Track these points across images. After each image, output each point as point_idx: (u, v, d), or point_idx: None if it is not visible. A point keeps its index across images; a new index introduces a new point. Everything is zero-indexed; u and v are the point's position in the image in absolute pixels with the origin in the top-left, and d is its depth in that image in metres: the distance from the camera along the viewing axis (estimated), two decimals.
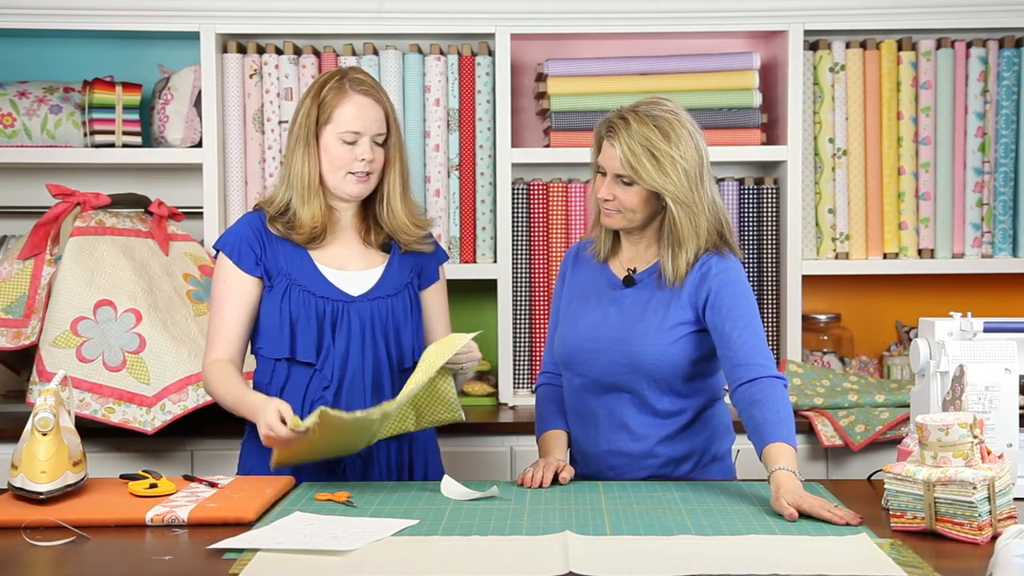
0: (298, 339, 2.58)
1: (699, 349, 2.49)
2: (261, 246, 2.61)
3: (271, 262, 2.61)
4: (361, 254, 2.67)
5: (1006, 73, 3.56)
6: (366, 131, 2.58)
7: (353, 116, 2.57)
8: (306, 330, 2.58)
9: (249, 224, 2.64)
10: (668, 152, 2.42)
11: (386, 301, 2.64)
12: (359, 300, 2.62)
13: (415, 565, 1.86)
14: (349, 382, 2.59)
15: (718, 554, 1.91)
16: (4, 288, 3.22)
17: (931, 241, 3.62)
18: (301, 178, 2.59)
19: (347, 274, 2.64)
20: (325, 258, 2.64)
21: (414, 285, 2.70)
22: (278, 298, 2.59)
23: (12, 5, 3.45)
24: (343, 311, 2.61)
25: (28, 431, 2.26)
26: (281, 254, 2.62)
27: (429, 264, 2.73)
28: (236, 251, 2.60)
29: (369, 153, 2.58)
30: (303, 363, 2.59)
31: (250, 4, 3.49)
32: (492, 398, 3.61)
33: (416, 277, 2.71)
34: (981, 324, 2.40)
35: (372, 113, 2.59)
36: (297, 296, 2.59)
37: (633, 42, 3.75)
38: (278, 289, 2.60)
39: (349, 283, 2.63)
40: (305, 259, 2.63)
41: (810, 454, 3.28)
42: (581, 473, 2.58)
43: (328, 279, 2.62)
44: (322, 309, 2.60)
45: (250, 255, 2.60)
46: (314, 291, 2.60)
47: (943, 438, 2.05)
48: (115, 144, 3.51)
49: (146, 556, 1.98)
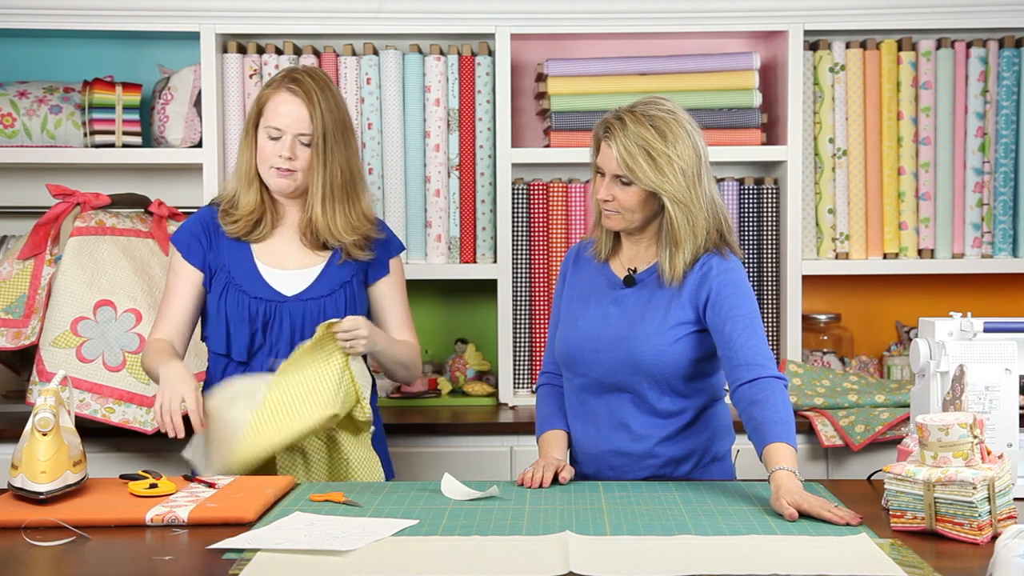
0: (232, 338, 2.65)
1: (699, 349, 2.49)
2: (208, 241, 2.69)
3: (214, 258, 2.68)
4: (301, 251, 2.71)
5: (1006, 73, 3.56)
6: (287, 129, 2.62)
7: (277, 113, 2.63)
8: (239, 329, 2.65)
9: (200, 219, 2.73)
10: (665, 152, 2.42)
11: (318, 302, 2.68)
12: (291, 300, 2.67)
13: (415, 565, 1.86)
14: None
15: (718, 554, 1.91)
16: (4, 288, 3.22)
17: (931, 241, 3.62)
18: (240, 167, 2.70)
19: (284, 273, 2.68)
20: (265, 255, 2.69)
21: (356, 283, 2.72)
22: (217, 296, 2.67)
23: (12, 5, 3.45)
24: (275, 311, 2.66)
25: (28, 431, 2.26)
26: (225, 249, 2.68)
27: (379, 259, 2.76)
28: (185, 245, 2.70)
29: (287, 151, 2.62)
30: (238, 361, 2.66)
31: (250, 4, 3.49)
32: (492, 398, 3.61)
33: (361, 273, 2.73)
34: (981, 324, 2.40)
35: (296, 113, 2.62)
36: (232, 295, 2.66)
37: (633, 42, 3.75)
38: (217, 287, 2.67)
39: (284, 282, 2.67)
40: (246, 256, 2.68)
41: (810, 454, 3.28)
42: (581, 473, 2.58)
43: (264, 278, 2.67)
44: (255, 309, 2.65)
45: (197, 249, 2.69)
46: (248, 291, 2.66)
47: (943, 438, 2.05)
48: (115, 144, 3.50)
49: (146, 556, 1.98)
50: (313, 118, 2.62)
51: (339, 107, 2.67)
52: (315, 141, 2.63)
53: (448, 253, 3.59)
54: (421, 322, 3.83)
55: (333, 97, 2.66)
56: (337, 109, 2.66)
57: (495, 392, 3.62)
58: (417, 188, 3.58)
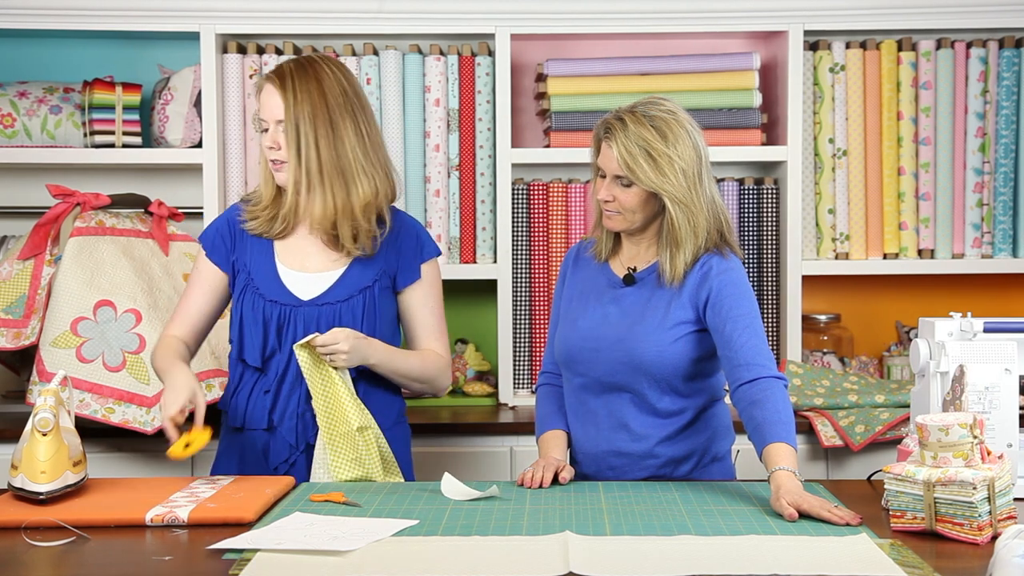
0: (246, 341, 2.61)
1: (699, 349, 2.49)
2: (232, 240, 2.66)
3: (239, 257, 2.65)
4: (324, 253, 2.64)
5: (1006, 73, 3.56)
6: (268, 118, 2.60)
7: (261, 105, 2.62)
8: (253, 333, 2.60)
9: (226, 217, 2.70)
10: (665, 152, 2.42)
11: (334, 307, 2.61)
12: (307, 305, 2.61)
13: (415, 565, 1.86)
14: (288, 387, 2.60)
15: (718, 554, 1.91)
16: (4, 288, 3.22)
17: (931, 241, 3.62)
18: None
19: (304, 276, 2.63)
20: (288, 255, 2.64)
21: (379, 288, 2.64)
22: (237, 298, 2.64)
23: (12, 5, 3.45)
24: (290, 316, 2.61)
25: (28, 431, 2.26)
26: (249, 249, 2.65)
27: (409, 263, 2.67)
28: (210, 242, 2.68)
29: (270, 140, 2.60)
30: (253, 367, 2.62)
31: (250, 4, 3.49)
32: (492, 398, 3.61)
33: (388, 278, 2.66)
34: (981, 324, 2.40)
35: (271, 100, 2.60)
36: (249, 298, 2.62)
37: (633, 42, 3.75)
38: (237, 288, 2.64)
39: (303, 286, 2.62)
40: (268, 256, 2.64)
41: (810, 454, 3.28)
42: (581, 473, 2.58)
43: (283, 281, 2.62)
44: (270, 313, 2.61)
45: (221, 248, 2.67)
46: (265, 294, 2.61)
47: (943, 438, 2.05)
48: (115, 144, 3.50)
49: (146, 556, 1.98)
50: (285, 103, 2.57)
51: (323, 90, 2.58)
52: (287, 126, 2.58)
53: (448, 253, 3.59)
54: None
55: (316, 81, 2.58)
56: (319, 92, 2.57)
57: (495, 392, 3.62)
58: (417, 188, 3.58)
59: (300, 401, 2.60)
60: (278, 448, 2.61)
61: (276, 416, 2.61)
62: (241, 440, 2.64)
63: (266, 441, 2.61)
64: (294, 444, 2.60)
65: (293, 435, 2.60)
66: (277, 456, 2.61)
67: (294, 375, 2.59)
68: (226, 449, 2.68)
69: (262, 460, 2.61)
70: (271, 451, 2.61)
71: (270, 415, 2.61)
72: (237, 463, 2.64)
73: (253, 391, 2.62)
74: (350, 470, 2.51)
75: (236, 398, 2.64)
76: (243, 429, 2.63)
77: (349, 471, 2.51)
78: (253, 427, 2.62)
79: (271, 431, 2.61)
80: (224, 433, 2.70)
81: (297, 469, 2.61)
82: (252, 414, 2.62)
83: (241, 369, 2.64)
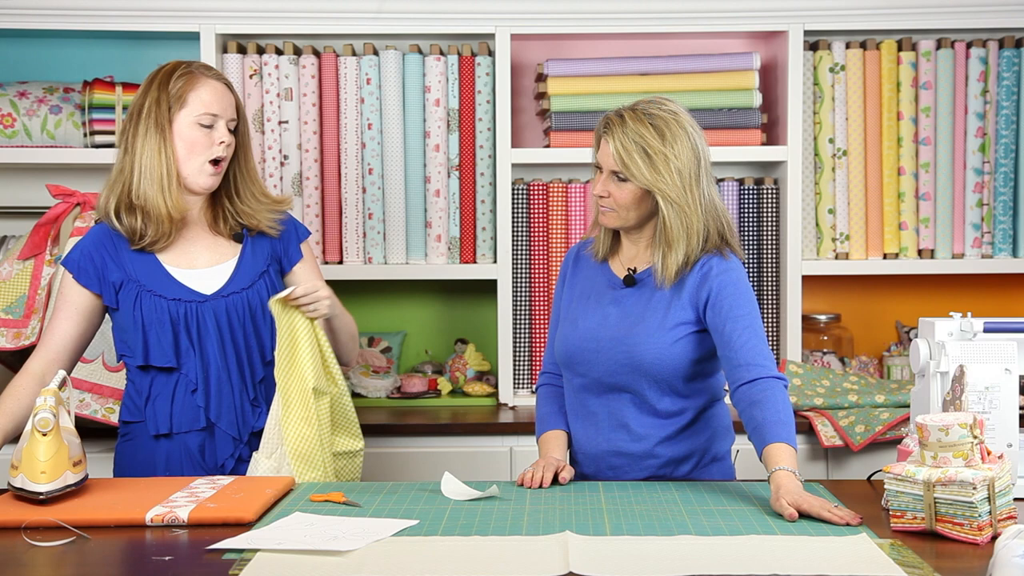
0: (151, 345, 2.58)
1: (700, 349, 2.49)
2: (104, 260, 2.60)
3: (117, 273, 2.60)
4: (211, 249, 2.66)
5: (1006, 73, 3.56)
6: (223, 114, 2.59)
7: (210, 99, 2.58)
8: (160, 335, 2.58)
9: (94, 238, 2.63)
10: (661, 151, 2.42)
11: (240, 296, 2.63)
12: (212, 298, 2.61)
13: (415, 565, 1.86)
14: (216, 382, 2.60)
15: (718, 554, 1.91)
16: (4, 288, 3.22)
17: (931, 241, 3.62)
18: (158, 168, 2.55)
19: (197, 272, 2.63)
20: (172, 259, 2.63)
21: (272, 271, 2.69)
22: (130, 307, 2.59)
23: (12, 5, 3.45)
24: (197, 311, 2.60)
25: (28, 431, 2.26)
26: (128, 262, 2.60)
27: (289, 246, 2.73)
28: (76, 265, 2.61)
29: (227, 136, 2.59)
30: (164, 368, 2.59)
31: (250, 4, 3.49)
32: (492, 398, 3.61)
33: (275, 262, 2.70)
34: (981, 324, 2.40)
35: (227, 98, 2.61)
36: (148, 301, 2.59)
37: (633, 42, 3.75)
38: (128, 299, 2.59)
39: (200, 282, 2.62)
40: (152, 263, 2.61)
41: (810, 454, 3.28)
42: (581, 473, 2.58)
43: (179, 280, 2.61)
44: (175, 312, 2.59)
45: (89, 269, 2.60)
46: (165, 294, 2.59)
47: (943, 438, 2.05)
48: (115, 144, 3.50)
49: (146, 556, 1.98)
50: (237, 104, 2.63)
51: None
52: (241, 127, 2.64)
53: (448, 253, 3.59)
54: (421, 322, 3.83)
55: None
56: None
57: (495, 392, 3.62)
58: (417, 188, 3.58)
59: (235, 392, 2.60)
60: (219, 444, 2.60)
61: (212, 413, 2.59)
62: (167, 447, 2.60)
63: (201, 441, 2.60)
64: (237, 436, 2.60)
65: (234, 428, 2.60)
66: (223, 452, 2.60)
67: (218, 369, 2.59)
68: (144, 460, 2.60)
69: (198, 461, 2.59)
70: (208, 450, 2.60)
71: (206, 413, 2.59)
72: (163, 471, 2.59)
73: (175, 393, 2.60)
74: (298, 427, 2.51)
75: (154, 405, 2.60)
76: (171, 434, 2.60)
77: (297, 428, 2.51)
78: (185, 430, 2.59)
79: (209, 430, 2.60)
80: (133, 444, 2.63)
81: (242, 462, 2.60)
82: (181, 417, 2.59)
83: (151, 376, 2.60)
